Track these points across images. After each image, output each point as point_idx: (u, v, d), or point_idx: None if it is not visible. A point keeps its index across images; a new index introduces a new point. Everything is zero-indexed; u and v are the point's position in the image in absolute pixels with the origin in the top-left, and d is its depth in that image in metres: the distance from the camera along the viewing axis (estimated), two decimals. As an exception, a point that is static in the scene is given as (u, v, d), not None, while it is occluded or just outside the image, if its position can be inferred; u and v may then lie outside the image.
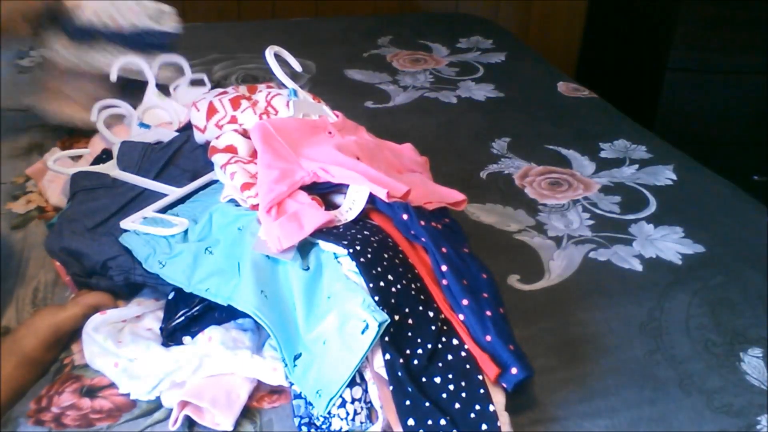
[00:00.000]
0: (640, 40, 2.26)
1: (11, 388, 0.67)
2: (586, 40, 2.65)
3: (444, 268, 0.80)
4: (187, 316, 0.79)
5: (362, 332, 0.71)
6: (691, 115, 2.15)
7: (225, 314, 0.79)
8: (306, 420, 0.73)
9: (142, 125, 1.12)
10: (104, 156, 1.07)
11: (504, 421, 0.71)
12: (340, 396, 0.71)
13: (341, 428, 0.70)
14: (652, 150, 1.37)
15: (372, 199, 0.86)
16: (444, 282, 0.79)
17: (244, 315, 0.77)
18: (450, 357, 0.75)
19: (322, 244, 0.82)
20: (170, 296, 0.83)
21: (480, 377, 0.74)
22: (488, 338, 0.75)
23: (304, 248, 0.82)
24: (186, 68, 1.27)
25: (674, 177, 1.28)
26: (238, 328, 0.80)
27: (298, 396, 0.74)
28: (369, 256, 0.78)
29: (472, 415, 0.70)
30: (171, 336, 0.79)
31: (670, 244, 1.08)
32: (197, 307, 0.79)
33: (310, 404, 0.72)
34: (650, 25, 2.20)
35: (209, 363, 0.76)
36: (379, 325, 0.71)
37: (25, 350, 0.68)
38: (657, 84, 2.14)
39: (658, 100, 2.13)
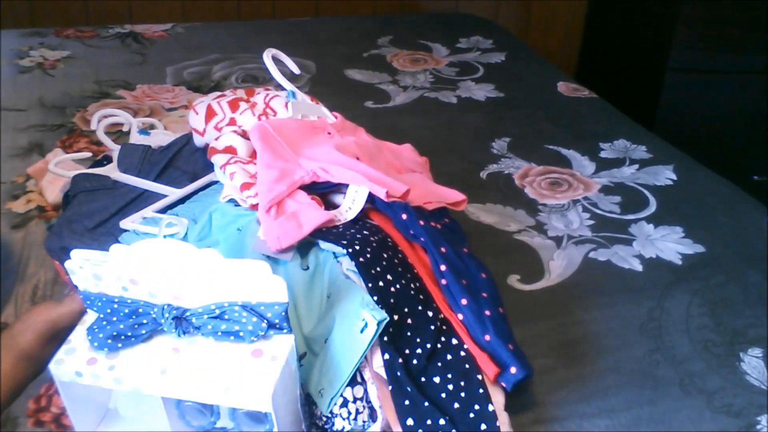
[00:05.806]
0: (640, 40, 2.26)
1: (9, 383, 0.67)
2: (586, 40, 2.65)
3: (443, 267, 0.80)
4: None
5: (361, 331, 0.71)
6: (691, 115, 2.15)
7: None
8: (309, 420, 0.73)
9: (142, 132, 1.12)
10: (105, 162, 1.07)
11: (503, 420, 0.71)
12: (341, 395, 0.71)
13: (343, 428, 0.70)
14: (652, 150, 1.37)
15: (371, 198, 0.86)
16: (443, 281, 0.79)
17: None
18: (449, 357, 0.75)
19: (321, 243, 0.82)
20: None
21: (479, 377, 0.73)
22: (487, 338, 0.75)
23: (304, 248, 0.82)
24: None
25: (674, 177, 1.28)
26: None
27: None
28: (368, 255, 0.78)
29: (471, 415, 0.70)
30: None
31: (670, 244, 1.08)
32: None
33: (314, 404, 0.72)
34: (650, 25, 2.20)
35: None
36: (378, 324, 0.71)
37: (21, 345, 0.68)
38: (657, 84, 2.13)
39: (658, 100, 2.13)
